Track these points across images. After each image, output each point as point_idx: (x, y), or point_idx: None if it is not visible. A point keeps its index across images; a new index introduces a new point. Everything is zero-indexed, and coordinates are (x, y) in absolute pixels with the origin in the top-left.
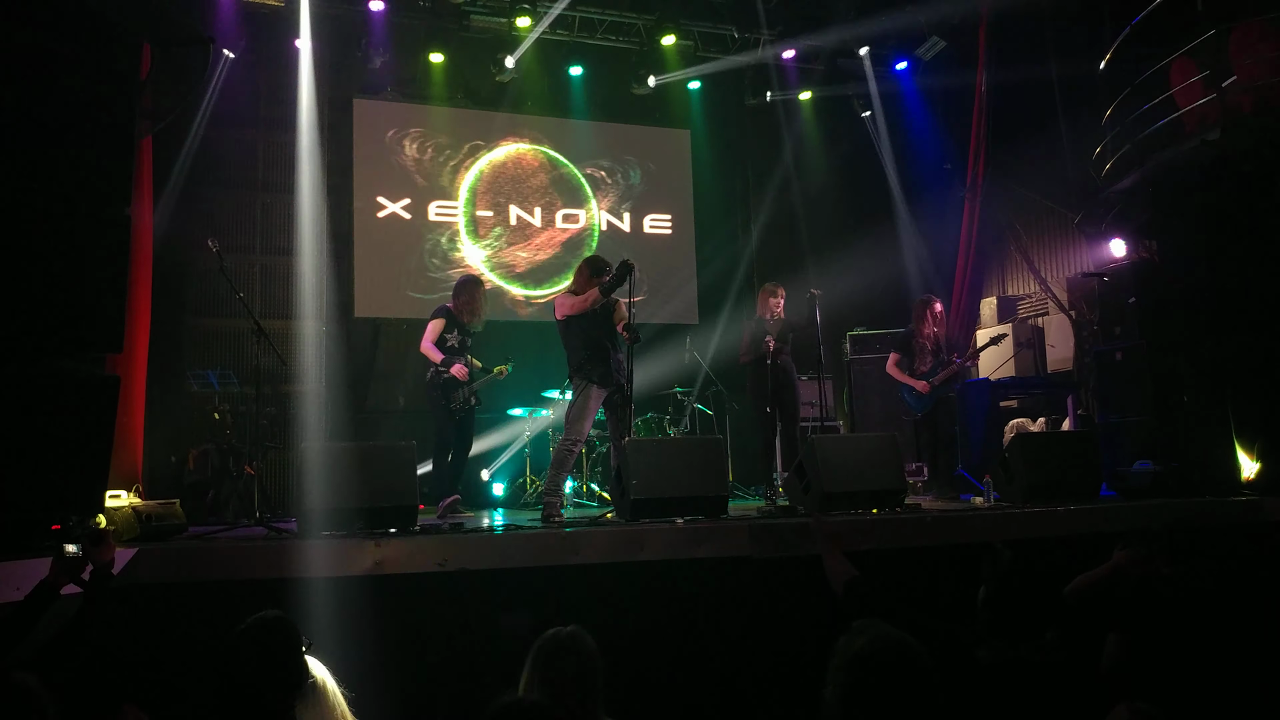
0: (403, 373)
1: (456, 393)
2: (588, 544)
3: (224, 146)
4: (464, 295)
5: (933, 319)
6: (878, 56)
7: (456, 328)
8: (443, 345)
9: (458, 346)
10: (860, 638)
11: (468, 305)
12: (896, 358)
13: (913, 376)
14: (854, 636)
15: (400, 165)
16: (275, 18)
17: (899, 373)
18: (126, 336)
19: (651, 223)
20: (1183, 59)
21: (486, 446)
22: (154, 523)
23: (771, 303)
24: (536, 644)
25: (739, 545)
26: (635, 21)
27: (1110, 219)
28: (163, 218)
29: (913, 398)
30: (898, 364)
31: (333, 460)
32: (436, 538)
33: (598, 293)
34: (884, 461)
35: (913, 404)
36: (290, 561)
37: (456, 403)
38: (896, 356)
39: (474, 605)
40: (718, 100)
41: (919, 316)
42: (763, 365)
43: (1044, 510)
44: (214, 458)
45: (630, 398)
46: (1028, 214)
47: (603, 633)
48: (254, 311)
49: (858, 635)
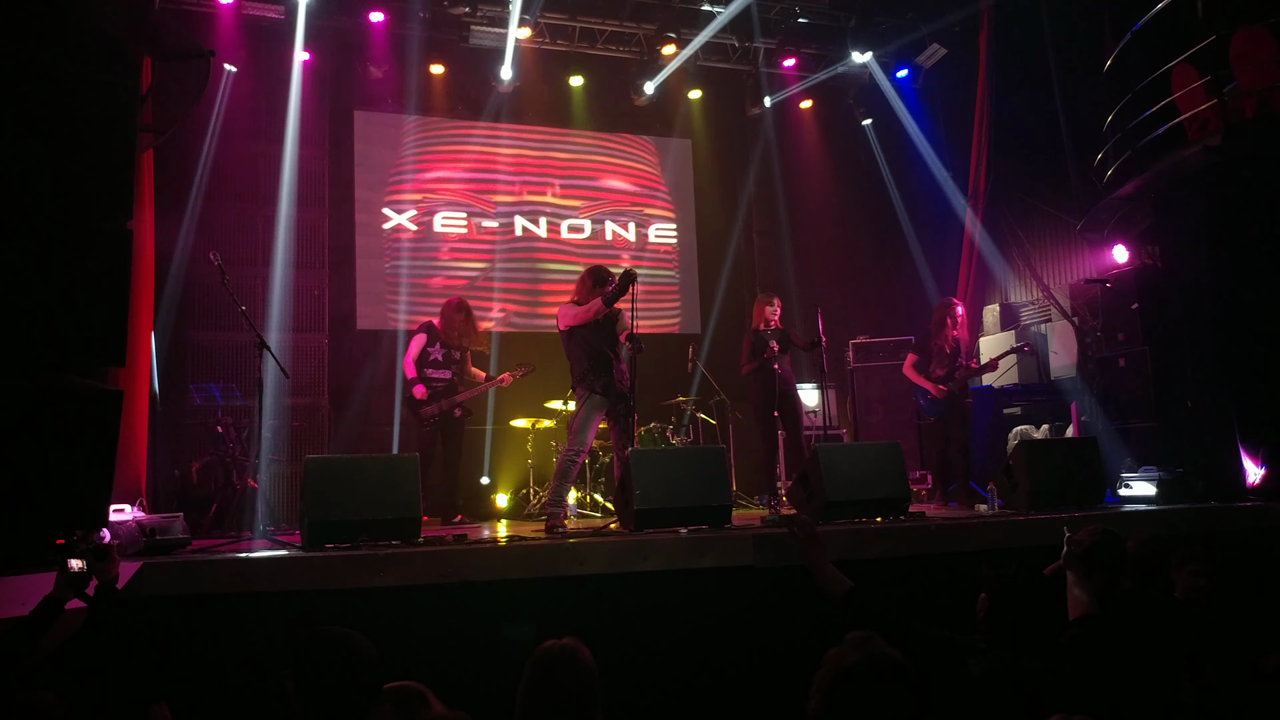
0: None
1: (425, 407)
2: (591, 555)
3: (226, 159)
4: (445, 316)
5: (953, 322)
6: (878, 65)
7: (439, 343)
8: (425, 360)
9: (442, 360)
10: (853, 653)
11: (448, 325)
12: (914, 359)
13: (928, 379)
14: (846, 650)
15: (403, 177)
16: (276, 31)
17: (915, 374)
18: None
19: (656, 233)
20: (1184, 65)
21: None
22: (157, 536)
23: (767, 312)
24: (532, 656)
25: (743, 555)
26: (635, 31)
27: (1112, 225)
28: (164, 231)
29: (927, 401)
30: (914, 365)
31: (335, 473)
32: (439, 549)
33: (601, 303)
34: (888, 469)
35: (926, 408)
36: (293, 574)
37: (429, 418)
38: (913, 358)
39: (477, 617)
40: (719, 110)
41: (939, 319)
42: (765, 375)
43: (1047, 517)
44: (217, 471)
45: (633, 408)
46: (1030, 220)
47: (606, 644)
48: (256, 324)
49: (850, 650)
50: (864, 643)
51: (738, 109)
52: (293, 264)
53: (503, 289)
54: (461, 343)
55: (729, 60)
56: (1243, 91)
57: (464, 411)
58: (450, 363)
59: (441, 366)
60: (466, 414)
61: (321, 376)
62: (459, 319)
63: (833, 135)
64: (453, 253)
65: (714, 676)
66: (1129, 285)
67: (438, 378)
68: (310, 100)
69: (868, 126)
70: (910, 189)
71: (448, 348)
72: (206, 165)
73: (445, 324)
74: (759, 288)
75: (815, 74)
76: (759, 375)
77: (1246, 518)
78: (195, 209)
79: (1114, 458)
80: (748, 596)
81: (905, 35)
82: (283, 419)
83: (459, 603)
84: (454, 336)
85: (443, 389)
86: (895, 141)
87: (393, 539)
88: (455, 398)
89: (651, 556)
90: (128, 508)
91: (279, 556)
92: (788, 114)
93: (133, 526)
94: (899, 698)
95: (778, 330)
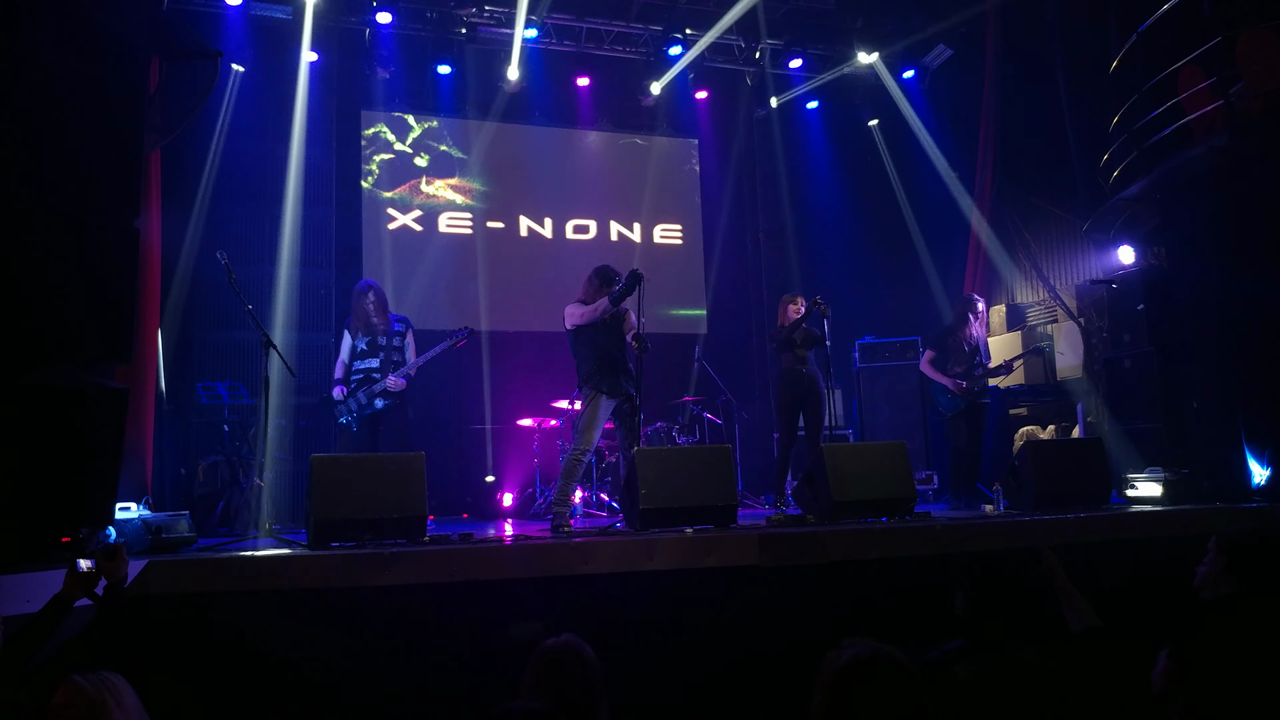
0: (411, 384)
1: (339, 406)
2: (597, 554)
3: (233, 159)
4: (352, 304)
5: (974, 317)
6: (885, 65)
7: (359, 336)
8: (353, 355)
9: (368, 350)
10: (850, 651)
11: (357, 314)
12: (931, 355)
13: (946, 375)
14: (843, 649)
15: (409, 177)
16: (284, 31)
17: (933, 370)
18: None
19: (661, 233)
20: (1190, 65)
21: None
22: (163, 534)
23: (791, 310)
24: (535, 654)
25: (749, 554)
26: (642, 32)
27: (1119, 226)
28: (172, 230)
29: (945, 398)
30: (932, 362)
31: (341, 472)
32: (445, 548)
33: (607, 302)
34: (894, 470)
35: (944, 405)
36: (299, 573)
37: (348, 413)
38: (931, 354)
39: (483, 615)
40: (725, 110)
41: (960, 314)
42: (791, 371)
43: (1054, 518)
44: (223, 469)
45: (639, 407)
46: (1036, 221)
47: (612, 642)
48: (263, 323)
49: (847, 648)
50: (860, 642)
51: (744, 110)
52: (299, 263)
53: (507, 288)
54: (371, 333)
55: (735, 61)
56: (1249, 92)
57: (391, 400)
58: (376, 351)
59: (369, 355)
60: (390, 403)
61: (327, 375)
62: (364, 302)
63: (839, 136)
64: (458, 252)
65: (719, 676)
66: (1135, 286)
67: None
68: (317, 100)
69: (874, 127)
70: (916, 190)
71: (369, 337)
72: (214, 164)
73: (355, 312)
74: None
75: (822, 74)
76: (785, 371)
77: (1252, 519)
78: (203, 208)
79: (1120, 458)
80: (753, 596)
81: (911, 36)
82: (289, 418)
83: (465, 602)
84: (364, 325)
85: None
86: (901, 142)
87: (398, 538)
88: (371, 389)
89: (657, 556)
90: (134, 505)
91: (285, 555)
92: (794, 114)
93: (139, 524)
94: (899, 692)
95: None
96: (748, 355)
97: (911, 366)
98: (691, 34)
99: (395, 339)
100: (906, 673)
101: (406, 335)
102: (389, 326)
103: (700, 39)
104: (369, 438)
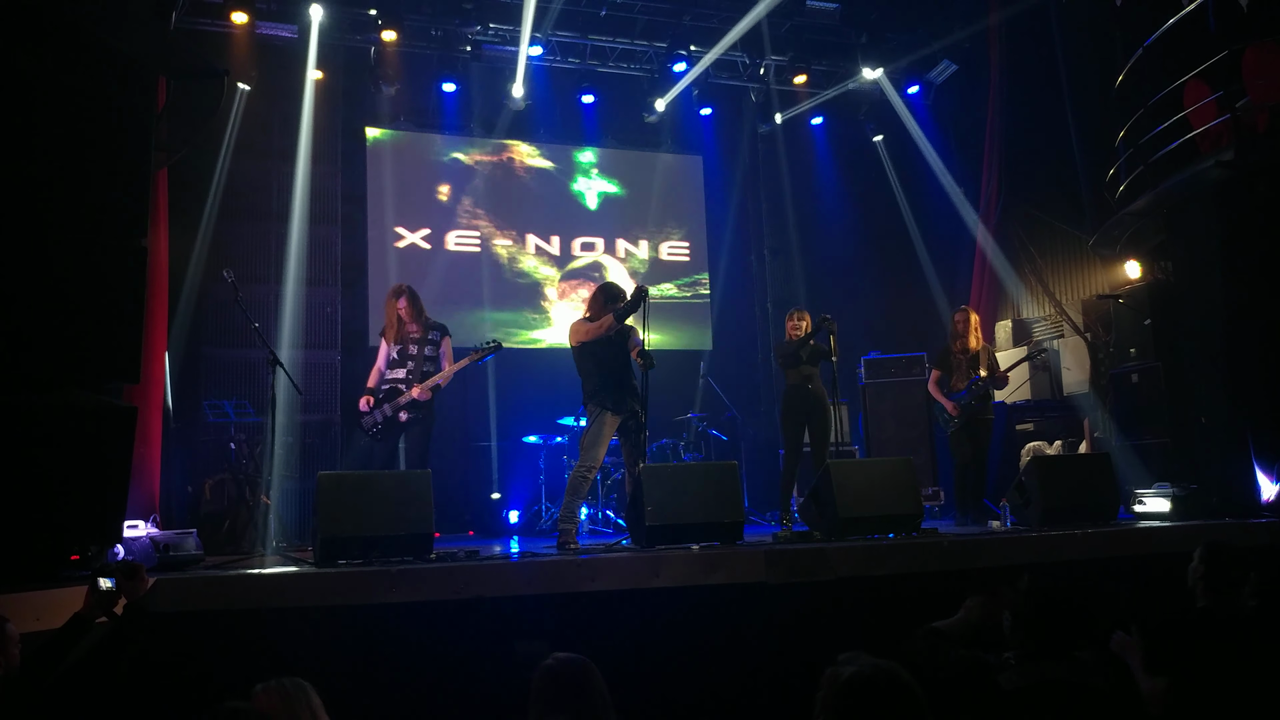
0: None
1: (364, 418)
2: (603, 571)
3: (239, 177)
4: (386, 309)
5: (964, 327)
6: (889, 81)
7: (392, 344)
8: (389, 364)
9: (397, 359)
10: (847, 667)
11: (388, 320)
12: (937, 375)
13: (947, 394)
14: (841, 667)
15: (415, 195)
16: (289, 51)
17: (936, 390)
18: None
19: (668, 250)
20: (1196, 80)
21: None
22: (171, 552)
23: (791, 325)
24: (540, 672)
25: (755, 571)
26: (646, 49)
27: (1125, 241)
28: (179, 248)
29: (944, 416)
30: (937, 381)
31: (347, 489)
32: (451, 565)
33: (612, 319)
34: (900, 486)
35: (943, 422)
36: (306, 590)
37: (366, 426)
38: (937, 374)
39: (489, 632)
40: (729, 126)
41: (951, 329)
42: (799, 390)
43: (1061, 534)
44: (230, 487)
45: (645, 424)
46: (1041, 236)
47: (618, 659)
48: (269, 341)
49: (845, 665)
50: (857, 658)
51: (749, 126)
52: (305, 281)
53: (514, 305)
54: (406, 335)
55: (740, 77)
56: (1255, 106)
57: (412, 415)
58: (406, 360)
59: (398, 365)
60: (412, 416)
61: (334, 393)
62: (393, 305)
63: (844, 151)
64: (465, 270)
65: (726, 693)
66: (1141, 301)
67: (391, 379)
68: (323, 118)
69: (879, 143)
70: (921, 205)
71: (402, 344)
72: (220, 183)
73: (388, 317)
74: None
75: (826, 90)
76: (791, 387)
77: (1262, 534)
78: (209, 226)
79: (1128, 474)
80: (760, 613)
81: (916, 51)
82: (295, 435)
83: (470, 619)
84: (394, 328)
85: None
86: (906, 157)
87: (405, 555)
88: (396, 401)
89: (663, 573)
90: (142, 523)
91: (291, 573)
92: (799, 130)
93: (146, 542)
94: (903, 707)
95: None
96: (753, 371)
97: (917, 382)
98: (696, 50)
99: (428, 348)
100: (908, 688)
101: (441, 344)
102: (423, 334)
103: (704, 56)
104: (389, 452)
